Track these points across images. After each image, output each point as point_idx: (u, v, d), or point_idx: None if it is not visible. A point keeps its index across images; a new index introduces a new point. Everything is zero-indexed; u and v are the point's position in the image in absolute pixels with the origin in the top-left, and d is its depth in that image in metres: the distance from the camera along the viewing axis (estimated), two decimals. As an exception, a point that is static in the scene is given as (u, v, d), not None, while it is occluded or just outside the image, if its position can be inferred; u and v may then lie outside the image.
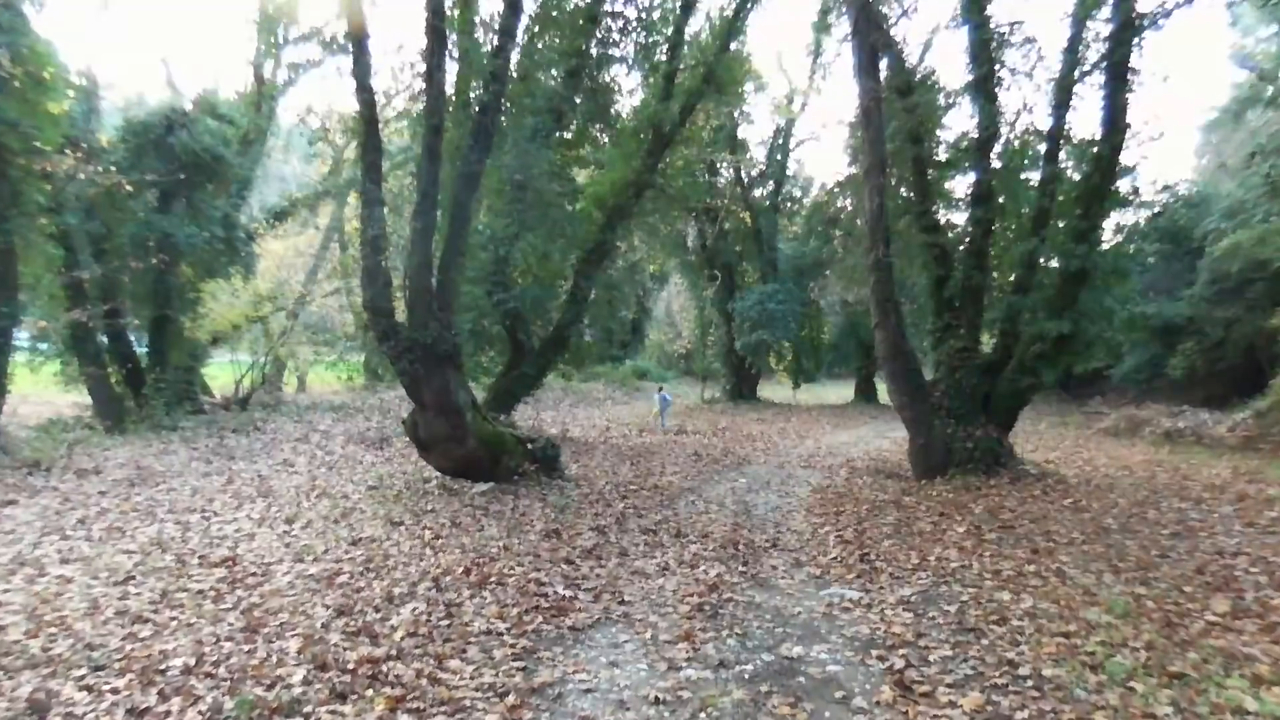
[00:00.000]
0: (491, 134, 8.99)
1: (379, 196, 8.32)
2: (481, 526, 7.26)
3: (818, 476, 11.93)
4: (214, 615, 4.68)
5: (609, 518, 7.85)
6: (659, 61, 15.44)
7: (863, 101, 11.02)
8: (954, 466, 10.68)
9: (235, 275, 19.41)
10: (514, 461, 9.52)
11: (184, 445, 13.88)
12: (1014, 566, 6.04)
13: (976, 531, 7.51)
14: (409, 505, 8.44)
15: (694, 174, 21.99)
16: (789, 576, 5.94)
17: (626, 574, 5.86)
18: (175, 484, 10.30)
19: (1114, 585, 5.44)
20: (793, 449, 15.60)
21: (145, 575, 5.63)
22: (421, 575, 5.54)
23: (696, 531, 7.47)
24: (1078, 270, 10.32)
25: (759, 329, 24.54)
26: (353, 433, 16.02)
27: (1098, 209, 10.57)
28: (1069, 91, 11.04)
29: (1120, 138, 10.35)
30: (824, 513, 8.81)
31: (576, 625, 4.65)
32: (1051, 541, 7.00)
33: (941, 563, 6.21)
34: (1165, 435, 16.75)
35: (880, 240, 10.93)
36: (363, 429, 16.57)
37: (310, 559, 6.10)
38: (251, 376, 20.63)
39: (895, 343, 11.00)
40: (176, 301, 17.07)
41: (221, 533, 7.11)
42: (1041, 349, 10.50)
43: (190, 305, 17.68)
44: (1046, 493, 9.59)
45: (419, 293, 8.61)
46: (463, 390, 9.00)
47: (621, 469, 11.78)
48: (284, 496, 9.22)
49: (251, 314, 20.74)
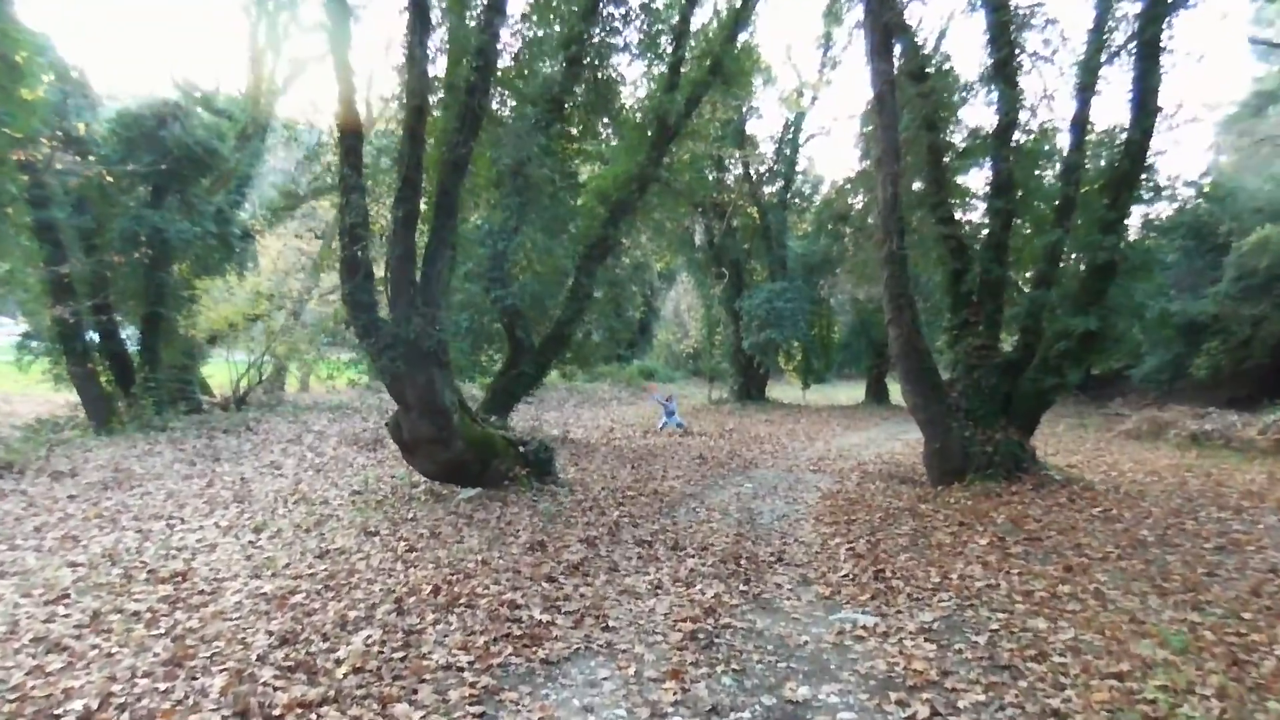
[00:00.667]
0: (480, 117, 8.44)
1: (358, 183, 7.78)
2: (461, 537, 6.69)
3: (828, 481, 11.33)
4: (140, 643, 4.14)
5: (601, 527, 7.27)
6: (664, 51, 14.85)
7: (875, 85, 10.40)
8: (972, 471, 10.05)
9: (230, 272, 19.01)
10: (504, 465, 8.96)
11: (171, 446, 13.39)
12: (1046, 586, 5.42)
13: (1000, 544, 6.91)
14: (390, 513, 7.90)
15: (701, 169, 21.42)
16: (795, 597, 5.35)
17: (615, 593, 5.28)
18: (151, 487, 9.81)
19: (1162, 610, 4.83)
20: (802, 451, 14.99)
21: (82, 593, 5.09)
22: (385, 595, 4.97)
23: (696, 543, 6.88)
24: (1105, 263, 9.68)
25: (768, 328, 23.89)
26: (347, 434, 15.52)
27: (1126, 198, 9.93)
28: (1095, 74, 10.39)
29: (1151, 122, 9.70)
30: (834, 522, 8.21)
31: (551, 657, 4.08)
32: (1084, 557, 6.38)
33: (965, 581, 5.60)
34: (1191, 438, 16.04)
35: (894, 232, 10.31)
36: (358, 430, 16.06)
37: (269, 574, 5.55)
38: (248, 376, 20.19)
39: (910, 340, 10.38)
40: (169, 299, 16.62)
41: (182, 543, 6.59)
42: (1067, 347, 9.86)
43: (183, 303, 17.24)
44: (1073, 500, 8.95)
45: (401, 285, 8.07)
46: (449, 390, 8.45)
47: (621, 473, 11.20)
48: (260, 502, 8.71)
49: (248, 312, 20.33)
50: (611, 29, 14.18)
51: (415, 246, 8.17)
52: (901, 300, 10.38)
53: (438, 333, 8.20)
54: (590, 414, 21.71)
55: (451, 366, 9.13)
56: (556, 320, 14.53)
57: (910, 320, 10.42)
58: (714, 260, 26.52)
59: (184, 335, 17.59)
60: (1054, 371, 10.13)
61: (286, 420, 17.29)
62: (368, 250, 8.04)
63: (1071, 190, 10.37)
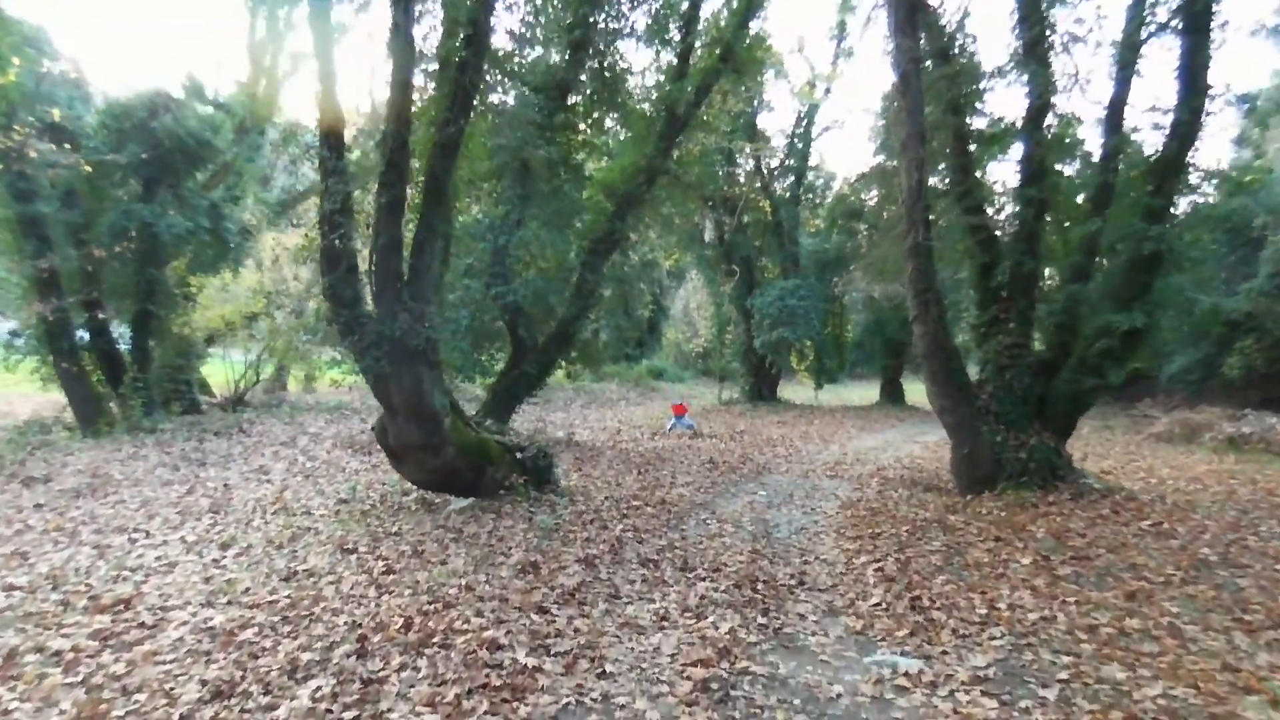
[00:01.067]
0: (471, 96, 7.77)
1: (339, 166, 7.13)
2: (447, 556, 6.03)
3: (846, 488, 10.62)
4: (48, 696, 3.50)
5: (603, 544, 6.58)
6: (672, 39, 14.16)
7: (899, 65, 9.68)
8: (1004, 479, 9.32)
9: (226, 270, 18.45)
10: (500, 473, 8.30)
11: (158, 449, 12.81)
12: (1111, 619, 4.71)
13: (1046, 564, 6.20)
14: (373, 525, 7.25)
15: (711, 162, 20.71)
16: (822, 632, 4.65)
17: (614, 626, 4.60)
18: (127, 495, 9.20)
19: (1255, 653, 4.11)
20: (817, 455, 14.27)
21: (5, 626, 4.46)
22: (349, 630, 4.32)
23: (707, 562, 6.20)
24: (1151, 254, 8.93)
25: (780, 326, 23.13)
26: (343, 436, 14.90)
27: (1173, 183, 9.17)
28: (1135, 51, 9.65)
29: (1201, 101, 8.93)
30: (858, 535, 7.51)
31: (535, 716, 3.40)
32: (1144, 580, 5.66)
33: (1016, 612, 4.89)
34: (1229, 441, 15.22)
35: (919, 222, 9.60)
36: (355, 432, 15.44)
37: (224, 600, 4.91)
38: (246, 375, 19.63)
39: (937, 338, 9.66)
40: (160, 296, 16.06)
41: (139, 562, 5.95)
42: (1108, 345, 9.10)
43: (175, 300, 16.68)
44: (1117, 512, 8.21)
45: (386, 278, 7.42)
46: (439, 392, 7.79)
47: (626, 479, 10.53)
48: (238, 512, 8.08)
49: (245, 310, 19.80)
50: (618, 13, 13.51)
51: (402, 236, 7.51)
52: (928, 296, 9.67)
53: (426, 330, 7.54)
54: (597, 415, 21.04)
55: (442, 367, 8.48)
56: (560, 318, 13.84)
57: (937, 317, 9.71)
58: (724, 257, 25.77)
59: (179, 334, 17.06)
60: (1093, 371, 9.37)
61: (283, 422, 16.68)
62: (350, 240, 7.39)
63: (1111, 177, 9.63)
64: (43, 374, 15.68)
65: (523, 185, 13.43)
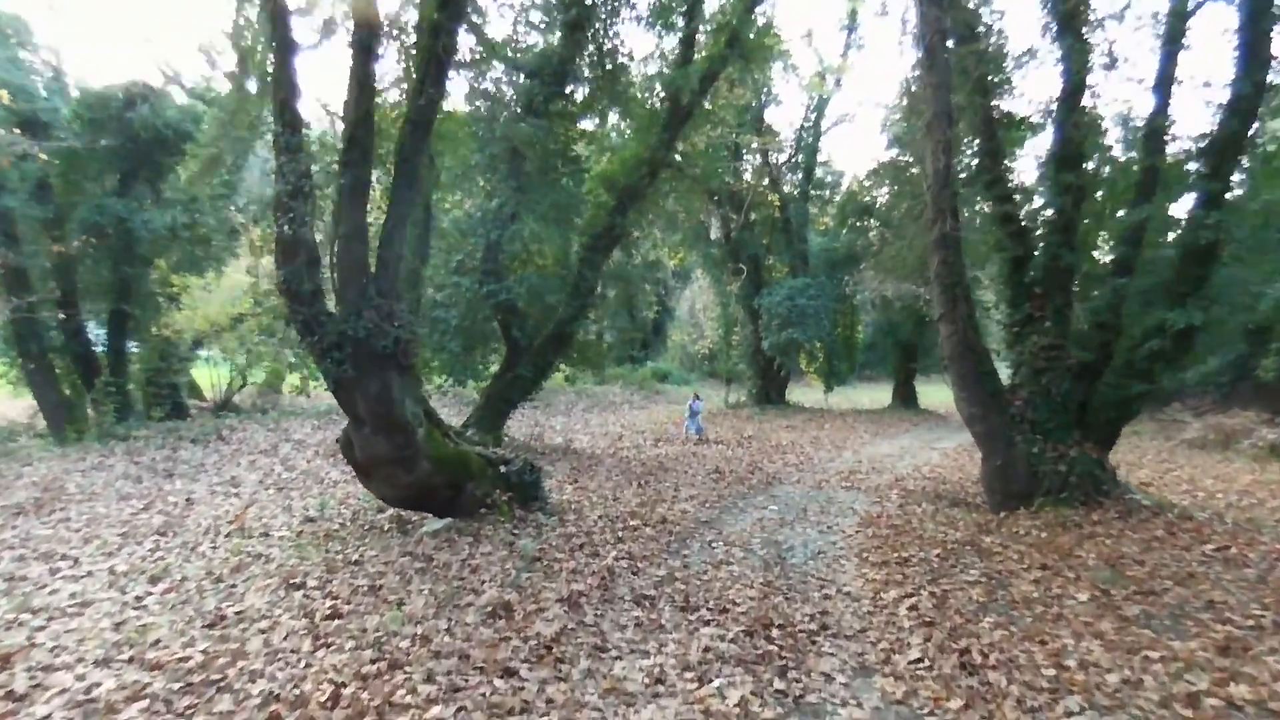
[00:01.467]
0: (445, 65, 6.91)
1: (293, 142, 6.28)
2: (407, 593, 5.14)
3: (864, 502, 9.72)
4: None
5: (591, 576, 5.69)
6: (675, 22, 13.27)
7: (924, 36, 8.79)
8: (1041, 495, 8.41)
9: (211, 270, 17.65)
10: (481, 490, 7.42)
11: (126, 459, 11.99)
12: (1212, 684, 3.81)
13: (1107, 600, 5.30)
14: (333, 552, 6.39)
15: (717, 156, 19.82)
16: (854, 701, 3.76)
17: (597, 694, 3.72)
18: (74, 512, 8.38)
19: None
20: (829, 463, 13.36)
21: None
22: (262, 705, 3.45)
23: (712, 600, 5.31)
24: (1207, 244, 8.00)
25: (789, 327, 22.20)
26: (327, 444, 14.03)
27: (1230, 166, 8.25)
28: (1183, 20, 8.75)
29: (1264, 74, 8.00)
30: (882, 562, 6.61)
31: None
32: (1230, 624, 4.75)
33: (1090, 673, 3.99)
34: (1270, 449, 14.24)
35: (946, 211, 8.71)
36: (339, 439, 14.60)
37: (125, 657, 4.05)
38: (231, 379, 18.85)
39: (965, 339, 8.77)
40: (136, 296, 15.29)
41: (47, 600, 5.11)
42: (1159, 345, 8.17)
43: (154, 301, 15.90)
44: (1173, 534, 7.27)
45: (350, 271, 6.57)
46: (410, 399, 6.92)
47: (625, 493, 9.64)
48: (188, 533, 7.24)
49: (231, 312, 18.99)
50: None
51: (366, 223, 6.66)
52: (956, 291, 8.78)
53: (396, 330, 6.67)
54: (599, 420, 20.15)
55: (419, 371, 7.63)
56: (558, 318, 12.95)
57: (966, 315, 8.81)
58: (731, 255, 24.83)
59: (160, 336, 16.27)
60: (1141, 375, 8.45)
61: (266, 428, 15.83)
62: (309, 229, 6.53)
63: (1159, 160, 8.72)
64: (10, 378, 14.96)
65: (516, 177, 12.59)
